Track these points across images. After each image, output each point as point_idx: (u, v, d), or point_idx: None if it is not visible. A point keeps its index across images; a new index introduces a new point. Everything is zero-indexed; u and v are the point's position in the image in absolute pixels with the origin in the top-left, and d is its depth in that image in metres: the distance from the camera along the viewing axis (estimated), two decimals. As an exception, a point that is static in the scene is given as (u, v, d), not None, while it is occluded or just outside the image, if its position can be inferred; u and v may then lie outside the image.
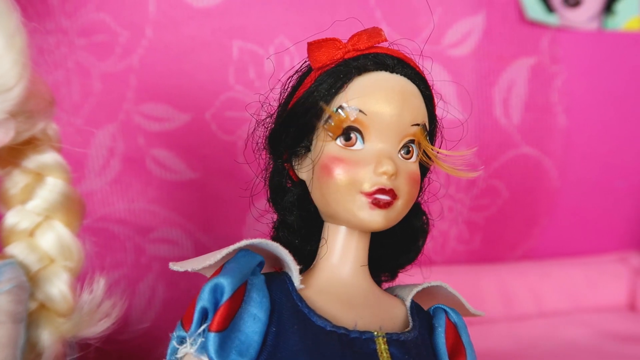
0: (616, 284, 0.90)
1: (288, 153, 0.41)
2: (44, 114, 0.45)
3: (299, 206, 0.42)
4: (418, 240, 0.44)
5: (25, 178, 0.47)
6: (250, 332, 0.35)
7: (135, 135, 0.74)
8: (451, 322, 0.42)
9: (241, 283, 0.36)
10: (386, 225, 0.39)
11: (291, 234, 0.43)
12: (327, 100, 0.39)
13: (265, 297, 0.36)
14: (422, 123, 0.39)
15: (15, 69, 0.40)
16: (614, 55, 0.89)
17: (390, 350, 0.37)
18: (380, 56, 0.39)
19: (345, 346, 0.36)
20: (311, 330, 0.36)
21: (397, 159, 0.39)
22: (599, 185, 0.92)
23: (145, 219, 0.76)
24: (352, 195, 0.37)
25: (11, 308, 0.41)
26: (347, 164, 0.38)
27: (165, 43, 0.73)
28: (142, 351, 0.75)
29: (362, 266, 0.40)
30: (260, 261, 0.38)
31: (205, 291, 0.35)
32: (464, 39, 0.83)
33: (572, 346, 0.77)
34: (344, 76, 0.39)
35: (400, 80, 0.39)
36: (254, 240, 0.39)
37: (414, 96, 0.39)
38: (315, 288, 0.39)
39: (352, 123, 0.38)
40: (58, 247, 0.46)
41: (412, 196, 0.39)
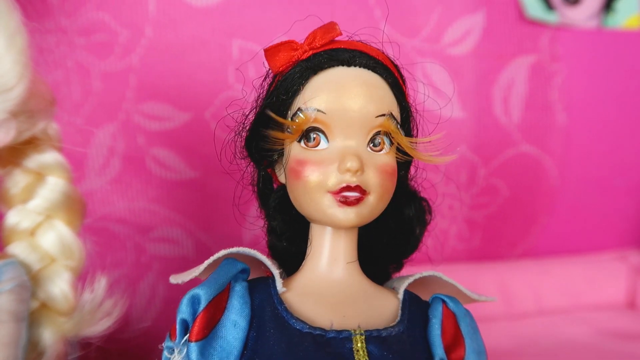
0: (615, 281, 0.90)
1: (266, 160, 0.41)
2: (45, 113, 0.45)
3: (281, 210, 0.42)
4: (414, 229, 0.44)
5: (26, 177, 0.47)
6: (230, 339, 0.36)
7: (135, 135, 0.74)
8: (450, 311, 0.41)
9: (218, 292, 0.37)
10: (360, 221, 0.38)
11: (277, 237, 0.43)
12: (285, 105, 0.39)
13: (246, 304, 0.37)
14: (388, 112, 0.38)
15: (16, 68, 0.40)
16: (614, 53, 0.89)
17: (368, 348, 0.36)
18: (334, 51, 0.39)
19: (320, 347, 0.36)
20: (287, 333, 0.37)
21: (366, 153, 0.38)
22: (598, 184, 0.92)
23: (146, 218, 0.76)
24: (320, 195, 0.37)
25: (13, 307, 0.42)
26: (311, 165, 0.37)
27: (165, 42, 0.73)
28: (142, 350, 0.75)
29: (349, 263, 0.40)
30: (242, 268, 0.39)
31: (183, 303, 0.37)
32: (464, 37, 0.83)
33: (572, 344, 0.77)
34: (299, 78, 0.38)
35: (359, 72, 0.38)
36: (232, 249, 0.40)
37: (375, 87, 0.38)
38: (298, 290, 0.40)
39: (313, 123, 0.38)
40: (59, 247, 0.46)
41: (386, 189, 0.39)
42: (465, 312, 0.41)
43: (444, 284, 0.43)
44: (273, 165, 0.42)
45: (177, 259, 0.77)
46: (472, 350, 0.40)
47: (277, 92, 0.39)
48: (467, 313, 0.41)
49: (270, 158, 0.41)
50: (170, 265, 0.77)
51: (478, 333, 0.41)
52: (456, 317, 0.40)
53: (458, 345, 0.40)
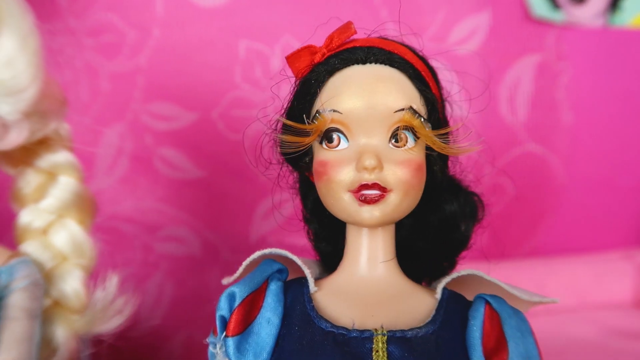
0: (622, 281, 0.90)
1: (302, 164, 0.41)
2: (57, 114, 0.46)
3: (317, 212, 0.42)
4: (459, 226, 0.42)
5: (38, 177, 0.47)
6: (264, 335, 0.38)
7: (143, 135, 0.75)
8: (494, 312, 0.38)
9: (252, 289, 0.39)
10: (384, 220, 0.38)
11: (317, 239, 0.44)
12: (305, 108, 0.39)
13: (280, 302, 0.39)
14: (408, 107, 0.37)
15: (29, 70, 0.40)
16: (620, 52, 0.89)
17: (389, 348, 0.36)
18: (350, 51, 0.39)
19: (339, 346, 0.36)
20: (311, 331, 0.37)
21: (387, 150, 0.37)
22: (604, 183, 0.92)
23: (153, 217, 0.76)
24: (342, 195, 0.37)
25: (27, 305, 0.42)
26: (332, 166, 0.38)
27: (172, 43, 0.74)
28: (151, 348, 0.76)
29: (383, 262, 0.39)
30: (278, 269, 0.40)
31: (221, 300, 0.39)
32: (470, 36, 0.83)
33: (578, 343, 0.77)
34: (315, 82, 0.39)
35: (374, 69, 0.38)
36: (265, 250, 0.41)
37: (392, 81, 0.38)
38: (330, 289, 0.40)
39: (331, 124, 0.38)
40: (71, 245, 0.47)
41: (411, 185, 0.37)
42: (511, 313, 0.38)
43: (492, 285, 0.40)
44: (310, 168, 0.42)
45: (184, 258, 0.78)
46: (517, 354, 0.37)
47: (298, 97, 0.40)
48: (513, 314, 0.38)
49: (304, 162, 0.41)
50: (177, 264, 0.78)
51: (529, 336, 0.38)
52: (500, 318, 0.38)
53: (501, 349, 0.37)
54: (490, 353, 0.37)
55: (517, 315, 0.38)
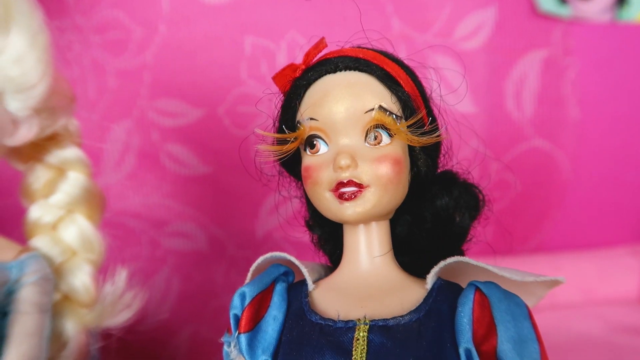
0: (627, 276, 0.89)
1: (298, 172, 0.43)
2: (66, 110, 0.46)
3: (318, 216, 0.44)
4: (452, 219, 0.43)
5: (47, 173, 0.48)
6: (270, 331, 0.41)
7: (150, 131, 0.75)
8: (484, 297, 0.37)
9: (261, 289, 0.42)
10: (367, 215, 0.39)
11: (320, 244, 0.47)
12: (290, 121, 0.41)
13: (284, 300, 0.42)
14: (377, 106, 0.39)
15: (39, 66, 0.41)
16: (627, 46, 0.88)
17: (370, 337, 0.37)
18: (321, 63, 0.41)
19: (323, 336, 0.38)
20: (302, 323, 0.40)
21: (363, 149, 0.39)
22: (610, 178, 0.91)
23: (160, 213, 0.77)
24: (324, 195, 0.40)
25: (37, 299, 0.43)
26: (314, 169, 0.40)
27: (178, 39, 0.74)
28: (158, 342, 0.76)
29: (377, 257, 0.41)
30: (284, 271, 0.43)
31: (234, 300, 0.42)
32: (476, 32, 0.82)
33: (583, 339, 0.77)
34: (293, 95, 0.41)
35: (343, 76, 0.40)
36: (267, 255, 0.43)
37: (360, 84, 0.40)
38: (326, 286, 0.42)
39: (310, 132, 0.40)
40: (80, 240, 0.47)
41: (389, 179, 0.39)
42: (501, 297, 0.37)
43: (494, 274, 0.39)
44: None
45: (190, 253, 0.78)
46: (507, 338, 0.35)
47: (282, 111, 0.43)
48: (504, 298, 0.37)
49: (298, 171, 0.43)
50: (184, 259, 0.78)
51: (523, 320, 0.36)
52: (490, 302, 0.37)
53: (491, 334, 0.36)
54: (482, 339, 0.36)
55: (509, 299, 0.37)
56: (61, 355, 0.45)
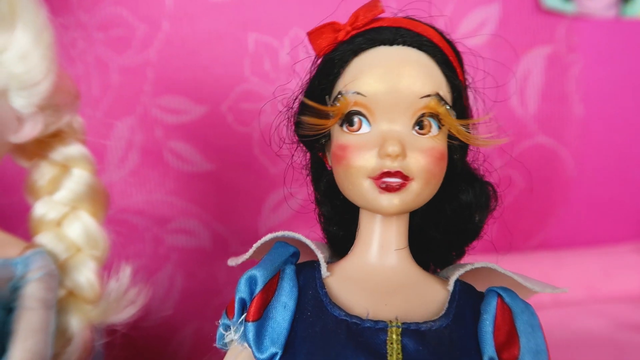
0: (632, 274, 0.89)
1: (316, 144, 0.40)
2: (70, 107, 0.47)
3: (330, 194, 0.41)
4: (473, 216, 0.41)
5: (52, 170, 0.48)
6: (280, 320, 0.37)
7: (153, 128, 0.75)
8: (506, 306, 0.37)
9: (273, 274, 0.38)
10: (404, 208, 0.37)
11: (327, 222, 0.43)
12: (327, 89, 0.37)
13: (295, 286, 0.37)
14: (434, 93, 0.36)
15: (43, 63, 0.41)
16: (632, 43, 0.87)
17: (403, 341, 0.35)
18: (376, 30, 0.37)
19: (352, 335, 0.35)
20: (324, 317, 0.36)
21: (410, 136, 0.36)
22: (615, 175, 0.91)
23: (163, 210, 0.77)
24: (361, 181, 0.36)
25: (42, 295, 0.43)
26: (353, 150, 0.36)
27: (181, 36, 0.74)
28: (162, 338, 0.77)
29: (397, 250, 0.39)
30: (293, 252, 0.39)
31: (241, 283, 0.38)
32: (479, 28, 0.82)
33: (587, 336, 0.77)
34: (338, 61, 0.37)
35: (402, 51, 0.37)
36: (279, 232, 0.40)
37: (420, 65, 0.36)
38: (342, 275, 0.39)
39: (353, 107, 0.36)
40: (84, 237, 0.48)
41: (432, 174, 0.36)
42: (523, 308, 0.38)
43: (503, 275, 0.39)
44: (323, 150, 0.41)
45: (194, 250, 0.79)
46: (528, 350, 0.36)
47: (319, 77, 0.38)
48: (525, 309, 0.38)
49: (319, 143, 0.39)
50: (187, 256, 0.79)
51: (538, 331, 0.37)
52: (512, 312, 0.37)
53: (512, 343, 0.36)
54: (501, 347, 0.36)
55: (528, 310, 0.38)
56: (66, 351, 0.46)
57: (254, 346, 0.36)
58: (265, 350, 0.36)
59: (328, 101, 0.37)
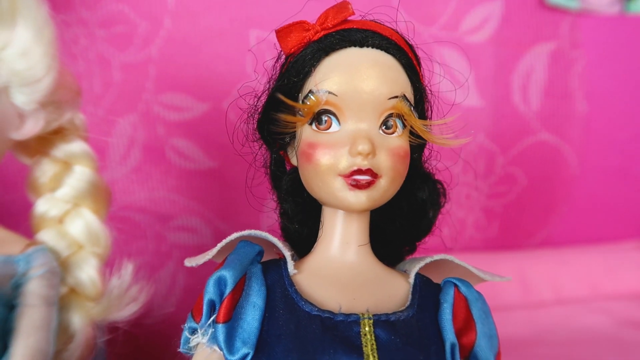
0: (635, 271, 0.89)
1: (279, 142, 0.41)
2: (71, 104, 0.47)
3: (293, 193, 0.42)
4: (427, 212, 0.43)
5: (54, 167, 0.48)
6: (250, 320, 0.37)
7: (155, 125, 0.75)
8: (462, 295, 0.40)
9: (241, 274, 0.38)
10: (371, 205, 0.38)
11: (289, 220, 0.43)
12: (296, 87, 0.38)
13: (263, 285, 0.38)
14: (401, 94, 0.38)
15: (45, 60, 0.41)
16: (636, 39, 0.87)
17: (376, 332, 0.36)
18: (347, 32, 0.38)
19: (327, 330, 0.36)
20: (296, 315, 0.37)
21: (378, 136, 0.37)
22: (618, 172, 0.91)
23: (165, 207, 0.77)
24: (331, 179, 0.37)
25: (44, 292, 0.43)
26: (323, 148, 0.37)
27: (183, 33, 0.74)
28: (164, 335, 0.77)
29: (361, 246, 0.40)
30: (259, 251, 0.40)
31: (210, 284, 0.38)
32: (482, 24, 0.82)
33: (590, 333, 0.77)
34: (310, 59, 0.38)
35: (371, 53, 0.38)
36: (244, 231, 0.40)
37: (388, 68, 0.38)
38: (309, 272, 0.40)
39: (324, 106, 0.37)
40: (86, 234, 0.48)
41: (398, 172, 0.38)
42: (477, 296, 0.40)
43: (456, 267, 0.42)
44: (285, 148, 0.42)
45: (196, 248, 0.78)
46: (483, 334, 0.39)
47: (289, 74, 0.39)
48: (479, 297, 0.40)
49: (282, 140, 0.40)
50: (189, 253, 0.78)
51: (490, 317, 0.40)
52: (468, 301, 0.40)
53: (469, 329, 0.39)
54: (459, 332, 0.39)
55: (480, 298, 0.40)
56: (68, 348, 0.46)
57: (225, 348, 0.36)
58: (236, 352, 0.36)
59: (299, 99, 0.38)
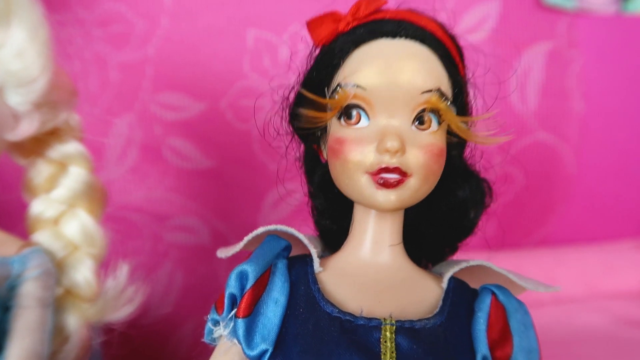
0: (632, 270, 0.89)
1: (311, 136, 0.39)
2: (67, 104, 0.46)
3: (324, 188, 0.40)
4: (468, 212, 0.41)
5: (49, 168, 0.48)
6: (271, 316, 0.36)
7: (152, 125, 0.75)
8: (500, 304, 0.37)
9: (264, 269, 0.37)
10: (400, 205, 0.36)
11: (320, 216, 0.42)
12: (325, 80, 0.37)
13: (287, 282, 0.37)
14: (436, 88, 0.35)
15: (40, 60, 0.41)
16: (633, 39, 0.87)
17: (397, 339, 0.35)
18: (378, 22, 0.36)
19: (345, 333, 0.35)
20: (316, 314, 0.36)
21: (410, 132, 0.35)
22: (615, 172, 0.91)
23: (163, 207, 0.77)
24: (358, 176, 0.36)
25: (39, 293, 0.43)
26: (350, 144, 0.35)
27: (180, 33, 0.74)
28: (161, 336, 0.77)
29: (392, 246, 0.38)
30: (285, 246, 0.39)
31: (232, 278, 0.37)
32: (480, 24, 0.82)
33: (588, 332, 0.77)
34: (338, 52, 0.36)
35: (404, 44, 0.36)
36: (271, 226, 0.39)
37: (422, 60, 0.36)
38: (335, 271, 0.38)
39: (352, 100, 0.35)
40: (82, 235, 0.47)
41: (431, 171, 0.36)
42: (517, 307, 0.38)
43: (495, 273, 0.39)
44: (318, 141, 0.40)
45: (193, 248, 0.78)
46: (521, 348, 0.36)
47: (317, 67, 0.37)
48: (519, 307, 0.38)
49: (314, 135, 0.39)
50: (187, 253, 0.78)
51: (531, 330, 0.37)
52: (506, 311, 0.37)
53: (505, 342, 0.36)
54: (494, 345, 0.36)
55: (522, 308, 0.38)
56: (63, 350, 0.46)
57: (244, 343, 0.35)
58: (255, 347, 0.35)
59: (327, 93, 0.37)
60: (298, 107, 0.38)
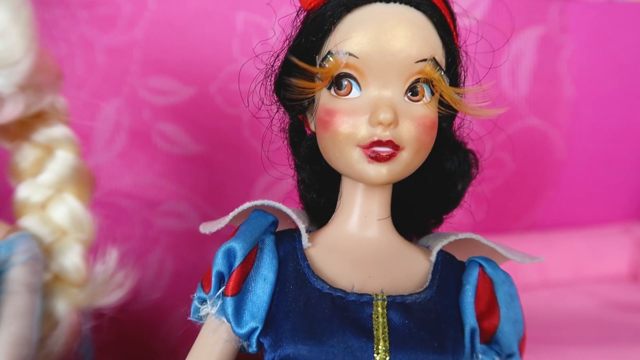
0: (619, 254, 0.90)
1: (297, 106, 0.38)
2: (52, 87, 0.46)
3: (310, 160, 0.39)
4: (456, 184, 0.40)
5: (35, 152, 0.47)
6: (260, 293, 0.35)
7: (140, 109, 0.74)
8: (487, 276, 0.37)
9: (252, 246, 0.36)
10: (392, 179, 0.35)
11: (306, 189, 0.41)
12: (315, 47, 0.35)
13: (275, 258, 0.36)
14: (431, 57, 0.34)
15: (22, 42, 0.40)
16: (624, 24, 0.87)
17: (389, 314, 0.34)
18: None
19: (337, 310, 0.34)
20: (307, 291, 0.35)
21: (402, 103, 0.34)
22: (605, 157, 0.91)
23: (152, 192, 0.76)
24: (350, 149, 0.34)
25: (27, 279, 0.43)
26: (341, 115, 0.34)
27: (168, 15, 0.72)
28: (152, 322, 0.77)
29: (380, 220, 0.37)
30: (272, 221, 0.38)
31: (219, 256, 0.36)
32: (471, 8, 0.81)
33: (575, 316, 0.78)
34: (330, 16, 0.34)
35: (398, 9, 0.34)
36: (257, 201, 0.38)
37: (418, 27, 0.34)
38: (324, 246, 0.37)
39: (344, 69, 0.34)
40: (70, 220, 0.47)
41: (423, 144, 0.35)
42: (503, 279, 0.37)
43: (482, 246, 0.39)
44: (304, 112, 0.39)
45: (184, 233, 0.78)
46: (507, 319, 0.37)
47: (307, 33, 0.35)
48: (505, 279, 0.38)
49: (301, 105, 0.37)
50: (177, 238, 0.78)
51: (517, 301, 0.38)
52: (493, 283, 0.37)
53: (492, 313, 0.36)
54: (482, 316, 0.36)
55: (508, 280, 0.38)
56: (53, 335, 0.45)
57: (233, 321, 0.35)
58: (244, 325, 0.35)
59: (317, 61, 0.35)
60: (285, 76, 0.37)
